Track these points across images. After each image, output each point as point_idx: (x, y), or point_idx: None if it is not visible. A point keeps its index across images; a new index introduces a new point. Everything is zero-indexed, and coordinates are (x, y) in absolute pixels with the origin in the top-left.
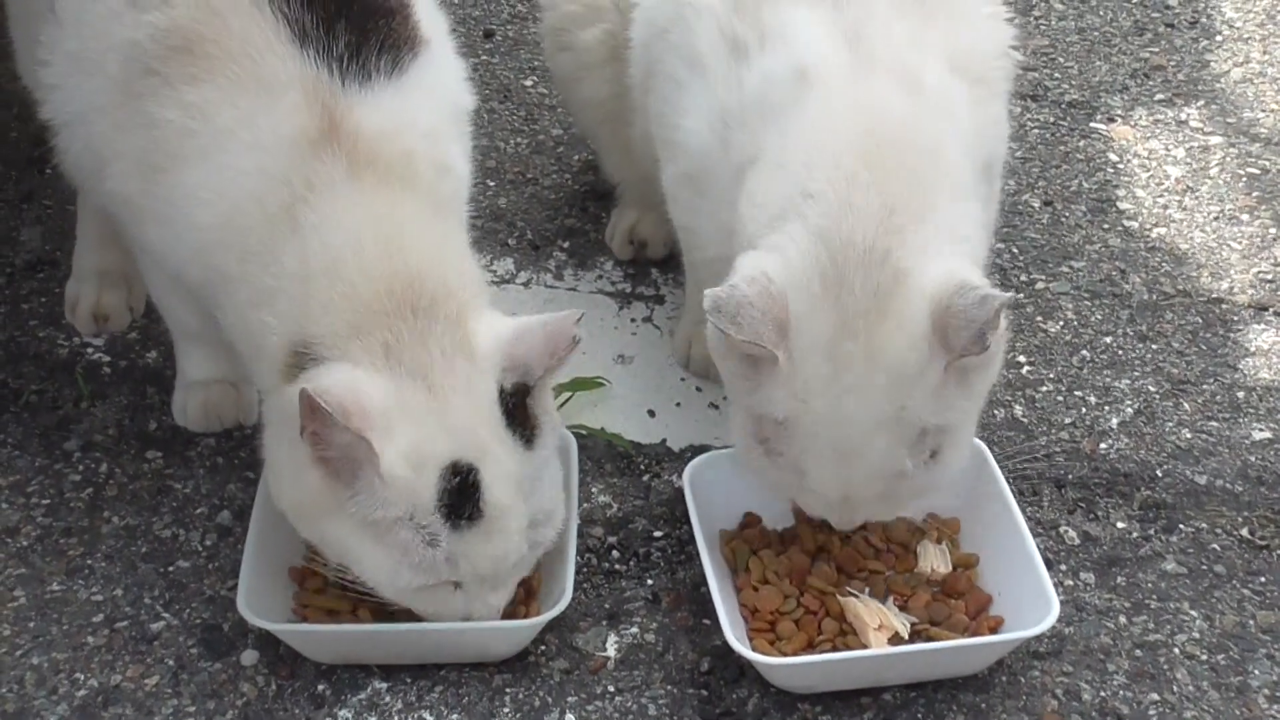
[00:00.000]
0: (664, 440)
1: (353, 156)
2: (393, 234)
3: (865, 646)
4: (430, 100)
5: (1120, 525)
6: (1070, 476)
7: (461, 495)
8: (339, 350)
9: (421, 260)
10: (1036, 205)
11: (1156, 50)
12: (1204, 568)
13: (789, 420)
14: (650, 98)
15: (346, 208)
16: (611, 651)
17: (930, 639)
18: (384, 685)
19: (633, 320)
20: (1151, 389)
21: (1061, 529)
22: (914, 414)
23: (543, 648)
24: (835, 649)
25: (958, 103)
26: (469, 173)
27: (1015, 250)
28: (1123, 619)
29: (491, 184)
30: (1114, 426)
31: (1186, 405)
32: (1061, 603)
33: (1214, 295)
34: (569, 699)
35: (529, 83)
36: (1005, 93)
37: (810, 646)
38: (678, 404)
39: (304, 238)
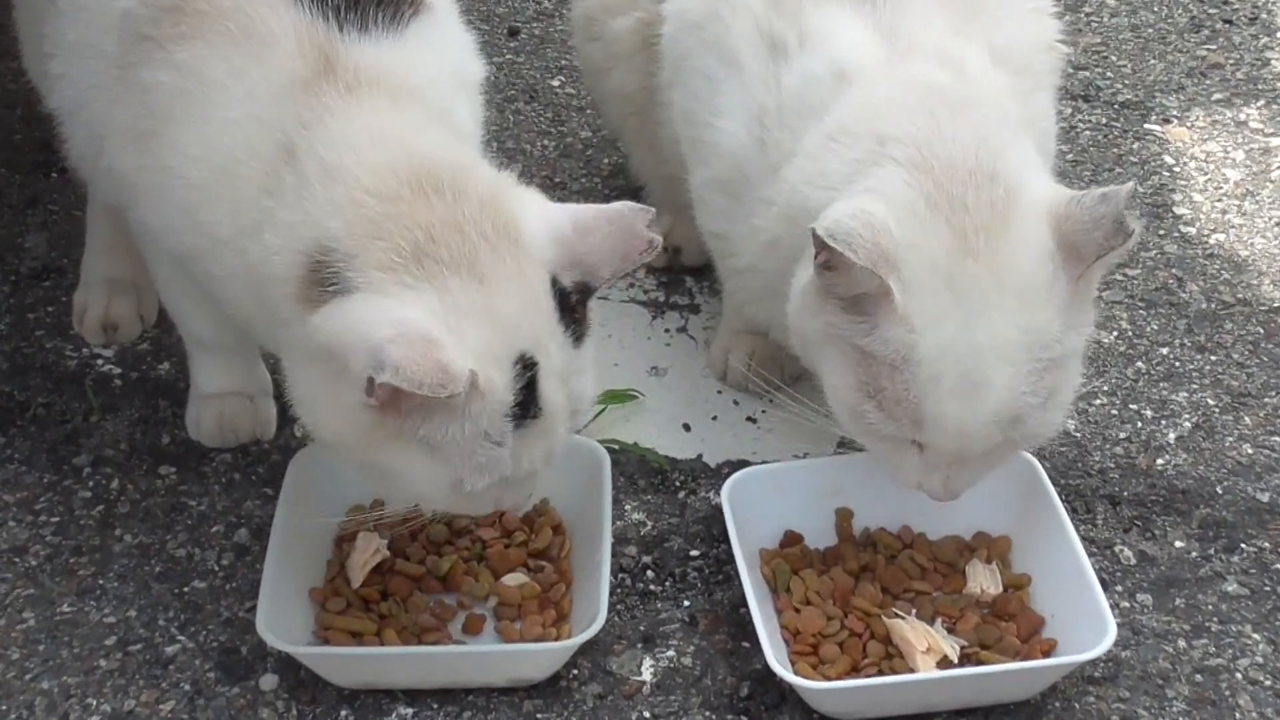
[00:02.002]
0: (700, 455)
1: (352, 85)
2: (394, 131)
3: (912, 670)
4: (430, 55)
5: (1179, 545)
6: (1126, 493)
7: (529, 391)
8: (362, 258)
9: (429, 147)
10: None
11: (1214, 48)
12: (1267, 589)
13: (907, 359)
14: (677, 92)
15: (345, 121)
16: (647, 675)
17: (980, 663)
18: (409, 711)
19: (667, 330)
20: (1210, 402)
21: (1117, 548)
22: (1040, 337)
23: (575, 671)
24: (881, 673)
25: (1002, 91)
26: (478, 136)
27: None
28: (1182, 643)
29: None
30: (1171, 441)
31: (1247, 419)
32: (1118, 625)
33: (1275, 304)
34: None
35: (556, 83)
36: (1052, 86)
37: (855, 670)
38: (714, 417)
39: (300, 159)
